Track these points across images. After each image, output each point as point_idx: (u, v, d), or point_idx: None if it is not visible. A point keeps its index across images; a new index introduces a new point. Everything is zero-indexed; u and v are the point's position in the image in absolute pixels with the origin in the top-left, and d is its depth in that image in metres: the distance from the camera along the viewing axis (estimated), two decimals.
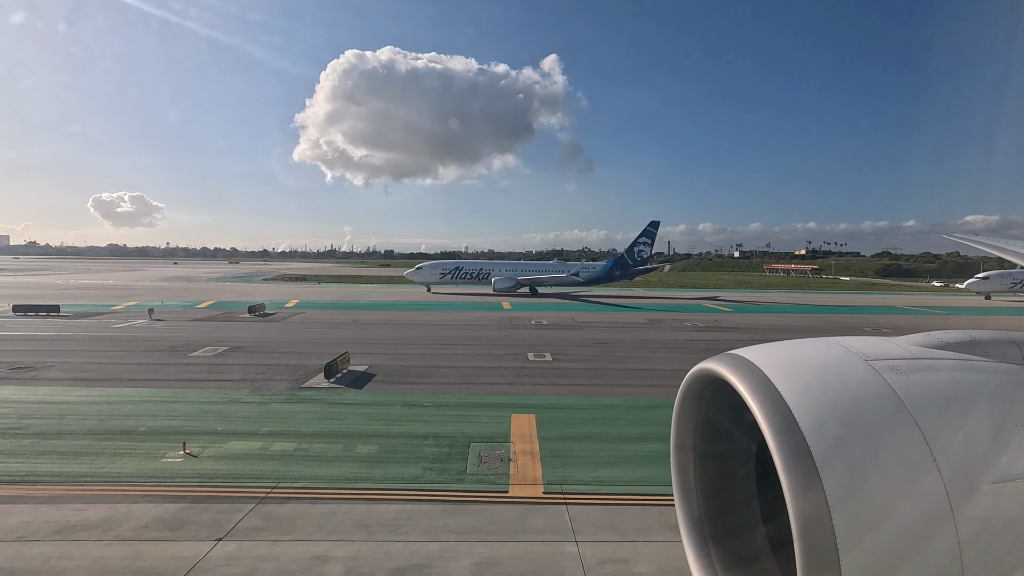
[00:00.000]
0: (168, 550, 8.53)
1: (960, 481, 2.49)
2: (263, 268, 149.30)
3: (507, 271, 61.74)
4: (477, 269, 62.62)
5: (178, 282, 78.58)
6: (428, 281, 62.15)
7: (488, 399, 17.81)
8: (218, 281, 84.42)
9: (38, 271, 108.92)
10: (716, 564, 3.50)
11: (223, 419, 15.23)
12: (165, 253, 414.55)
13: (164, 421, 14.98)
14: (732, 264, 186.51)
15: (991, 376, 2.97)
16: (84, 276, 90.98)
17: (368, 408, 16.75)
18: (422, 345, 27.93)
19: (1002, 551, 2.49)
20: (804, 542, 2.38)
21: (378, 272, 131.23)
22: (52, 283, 72.87)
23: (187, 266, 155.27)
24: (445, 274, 61.78)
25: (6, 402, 16.54)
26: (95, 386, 18.75)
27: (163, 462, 12.06)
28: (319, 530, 9.23)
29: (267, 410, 16.24)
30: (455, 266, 63.02)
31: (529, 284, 59.96)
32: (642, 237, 63.18)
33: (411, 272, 63.19)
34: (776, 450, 2.53)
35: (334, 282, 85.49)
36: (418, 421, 15.48)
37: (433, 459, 12.50)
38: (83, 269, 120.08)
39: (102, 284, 72.27)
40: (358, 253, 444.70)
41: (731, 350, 3.22)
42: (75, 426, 14.40)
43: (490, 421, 15.39)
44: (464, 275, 61.78)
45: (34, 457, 12.30)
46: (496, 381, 20.37)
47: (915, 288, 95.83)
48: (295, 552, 8.56)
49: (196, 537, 8.90)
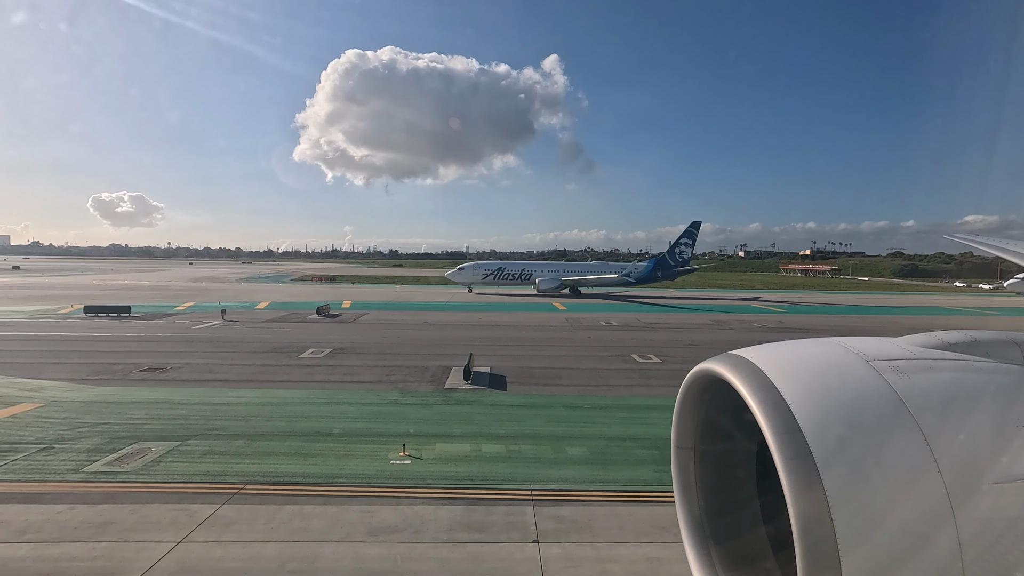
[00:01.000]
0: (498, 551, 8.67)
1: (961, 481, 2.49)
2: (280, 268, 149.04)
3: (550, 272, 62.01)
4: (519, 270, 62.84)
5: (210, 283, 78.46)
6: (470, 282, 62.32)
7: (641, 401, 17.95)
8: (248, 282, 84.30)
9: (65, 272, 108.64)
10: (716, 564, 3.52)
11: (403, 420, 15.31)
12: (166, 253, 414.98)
13: (350, 423, 15.04)
14: (744, 264, 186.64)
15: (992, 376, 2.97)
16: (115, 277, 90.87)
17: (534, 410, 16.83)
18: (518, 346, 28.02)
19: (1003, 551, 2.49)
20: (804, 542, 2.37)
21: (398, 272, 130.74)
22: (88, 283, 72.72)
23: (201, 267, 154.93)
24: (488, 275, 61.98)
25: (178, 403, 16.58)
26: (240, 387, 18.82)
27: (393, 464, 12.14)
28: (608, 532, 9.38)
29: (437, 412, 16.34)
30: (497, 267, 63.23)
31: (572, 285, 60.16)
32: (683, 238, 63.43)
33: (452, 273, 63.36)
34: (777, 450, 2.53)
35: (365, 283, 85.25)
36: (597, 423, 15.55)
37: (650, 461, 12.63)
38: (107, 270, 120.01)
39: (138, 285, 72.14)
40: (360, 253, 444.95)
41: (731, 351, 3.25)
42: (269, 427, 14.45)
43: (659, 422, 15.51)
44: (506, 276, 61.96)
45: (267, 458, 12.36)
46: (627, 383, 20.53)
47: (940, 288, 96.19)
48: (607, 554, 8.71)
49: (511, 539, 9.02)
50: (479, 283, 62.24)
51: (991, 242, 7.50)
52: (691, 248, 63.92)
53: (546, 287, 58.46)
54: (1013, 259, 6.50)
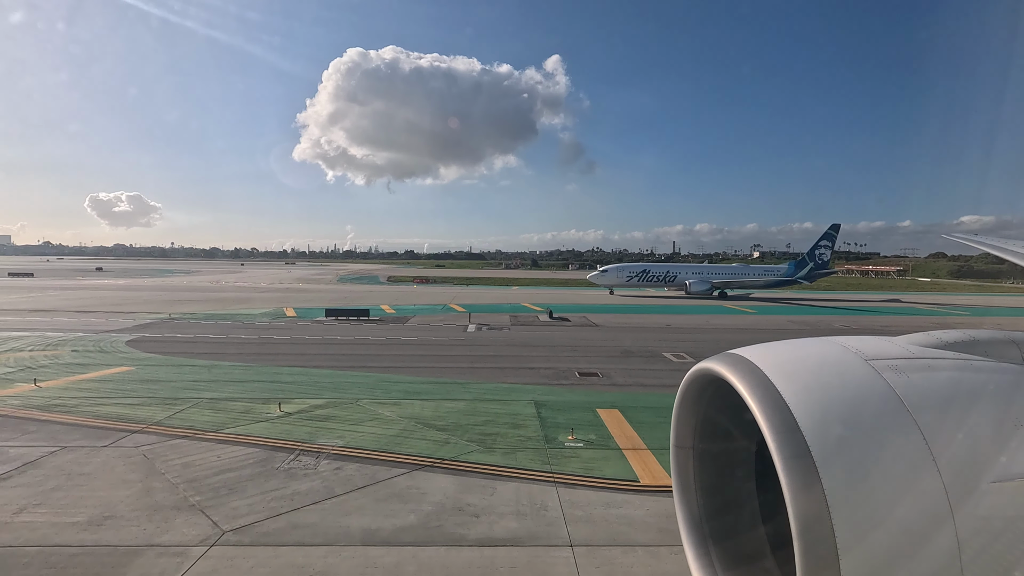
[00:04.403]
0: None
1: (959, 480, 2.50)
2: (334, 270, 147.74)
3: (695, 274, 62.31)
4: (663, 272, 63.14)
5: (310, 284, 77.93)
6: (614, 284, 62.49)
7: None
8: (344, 283, 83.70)
9: (144, 273, 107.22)
10: (716, 563, 3.54)
11: None
12: (165, 253, 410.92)
13: None
14: None
15: (991, 376, 2.99)
16: (203, 279, 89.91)
17: None
18: None
19: (1001, 550, 2.51)
20: (803, 541, 2.39)
21: (466, 273, 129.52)
22: (204, 285, 71.87)
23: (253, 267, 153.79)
24: (632, 277, 62.16)
25: None
26: None
27: None
28: None
29: None
30: (642, 269, 63.52)
31: (722, 287, 60.47)
32: (823, 240, 63.96)
33: (595, 275, 63.61)
34: (776, 450, 2.54)
35: (476, 284, 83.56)
36: None
37: None
38: (194, 271, 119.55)
39: (258, 286, 71.37)
40: (362, 253, 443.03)
41: (730, 350, 3.28)
42: None
43: None
44: (650, 278, 62.17)
45: None
46: None
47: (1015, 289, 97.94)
48: None
49: None
50: (622, 285, 62.35)
51: (990, 241, 7.57)
52: (830, 250, 64.44)
53: (697, 289, 58.70)
54: (1012, 259, 6.49)
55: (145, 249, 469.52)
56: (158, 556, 7.98)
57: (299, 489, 10.23)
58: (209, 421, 14.27)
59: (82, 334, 28.61)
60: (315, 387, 18.32)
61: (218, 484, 10.38)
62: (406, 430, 13.89)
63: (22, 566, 7.67)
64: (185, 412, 15.01)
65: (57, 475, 10.67)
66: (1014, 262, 6.44)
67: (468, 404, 16.43)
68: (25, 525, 8.75)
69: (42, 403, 15.75)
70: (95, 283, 72.74)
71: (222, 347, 25.69)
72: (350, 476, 10.88)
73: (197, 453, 11.95)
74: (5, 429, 13.44)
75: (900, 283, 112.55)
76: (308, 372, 20.75)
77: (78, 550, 8.08)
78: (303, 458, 11.78)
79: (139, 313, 38.25)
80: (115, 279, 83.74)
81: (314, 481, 10.60)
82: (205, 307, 43.66)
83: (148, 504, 9.51)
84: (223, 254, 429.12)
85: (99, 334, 28.67)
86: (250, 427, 13.86)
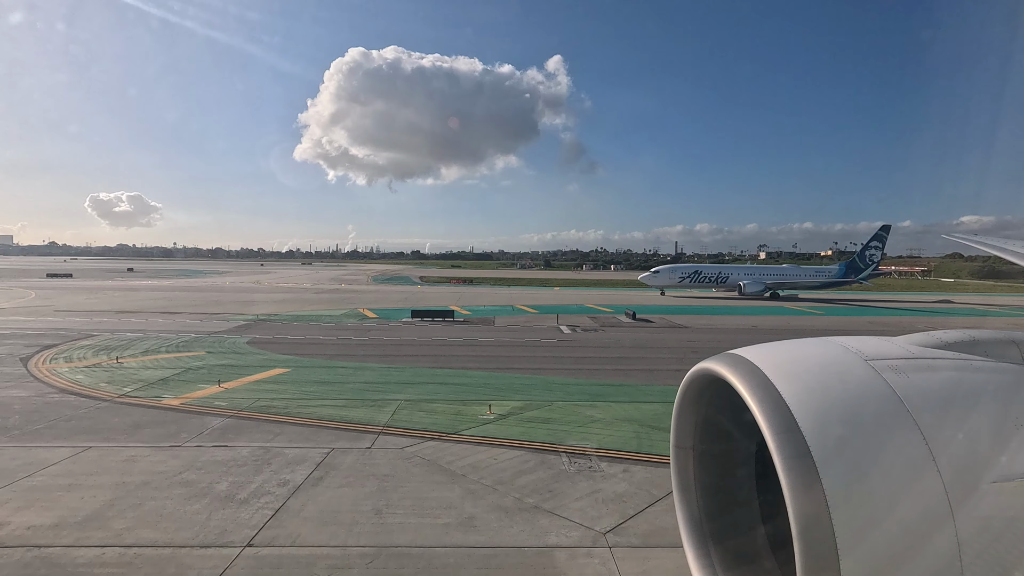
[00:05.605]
0: None
1: (959, 481, 2.51)
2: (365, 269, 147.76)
3: (748, 275, 62.44)
4: (716, 273, 63.25)
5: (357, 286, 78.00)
6: (665, 284, 62.58)
7: None
8: (382, 284, 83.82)
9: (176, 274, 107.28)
10: (716, 563, 3.56)
11: None
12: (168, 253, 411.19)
13: None
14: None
15: (991, 376, 3.00)
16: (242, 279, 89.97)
17: None
18: None
19: (1001, 550, 2.52)
20: (803, 541, 2.40)
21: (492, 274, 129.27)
22: (248, 286, 71.94)
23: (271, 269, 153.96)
24: (684, 278, 62.25)
25: None
26: None
27: None
28: None
29: None
30: (693, 270, 63.66)
31: (775, 288, 60.59)
32: (873, 241, 64.11)
33: (646, 276, 63.62)
34: (776, 450, 2.55)
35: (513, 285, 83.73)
36: None
37: None
38: (221, 271, 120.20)
39: (300, 287, 71.44)
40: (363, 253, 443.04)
41: (730, 350, 3.28)
42: None
43: None
44: (703, 279, 62.28)
45: None
46: None
47: None
48: None
49: None
50: (674, 286, 62.45)
51: (989, 241, 7.67)
52: (880, 251, 64.56)
53: (752, 290, 58.83)
54: (1012, 258, 6.54)
55: (148, 249, 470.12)
56: (568, 557, 8.00)
57: (617, 490, 10.25)
58: (434, 423, 14.20)
59: (195, 335, 28.66)
60: (489, 388, 18.25)
61: (529, 486, 10.35)
62: (635, 432, 13.91)
63: (411, 570, 7.68)
64: (398, 414, 14.99)
65: (367, 477, 10.54)
66: (1014, 262, 6.46)
67: (662, 406, 16.46)
68: (398, 527, 8.77)
69: (248, 404, 15.67)
70: (142, 284, 72.78)
71: (344, 349, 25.65)
72: (648, 477, 10.87)
73: (469, 456, 11.90)
74: (244, 431, 13.40)
75: (931, 284, 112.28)
76: (462, 374, 20.73)
77: (474, 551, 8.10)
78: (578, 460, 11.79)
79: (223, 314, 38.27)
80: (153, 280, 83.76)
81: (621, 483, 10.62)
82: (274, 308, 43.60)
83: (496, 506, 9.51)
84: (227, 254, 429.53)
85: (211, 336, 28.69)
86: (483, 428, 13.86)
